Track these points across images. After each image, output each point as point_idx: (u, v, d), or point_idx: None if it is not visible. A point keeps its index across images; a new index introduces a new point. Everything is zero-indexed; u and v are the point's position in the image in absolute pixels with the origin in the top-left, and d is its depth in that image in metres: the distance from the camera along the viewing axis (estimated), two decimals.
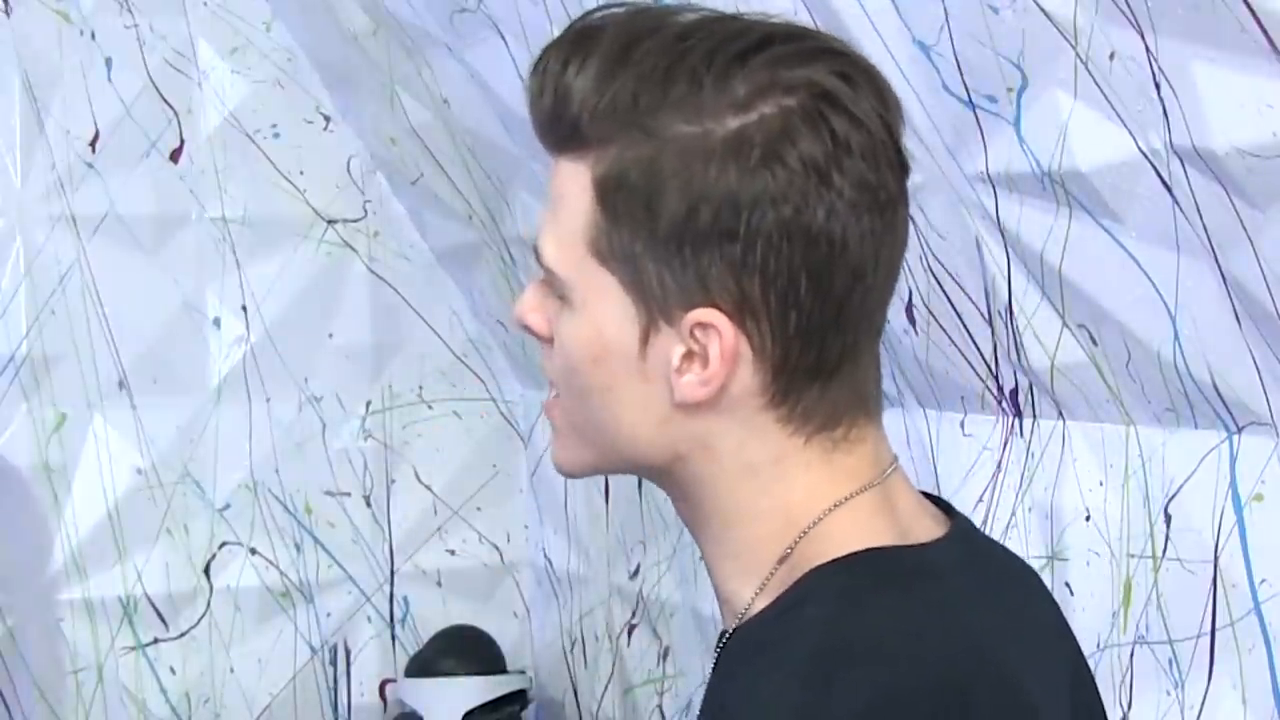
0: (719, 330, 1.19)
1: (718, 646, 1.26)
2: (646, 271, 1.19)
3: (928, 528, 1.26)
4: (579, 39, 1.21)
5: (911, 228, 2.27)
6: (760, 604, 1.22)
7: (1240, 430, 1.94)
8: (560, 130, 1.22)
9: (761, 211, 1.17)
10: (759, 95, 1.18)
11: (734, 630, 1.24)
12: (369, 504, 3.51)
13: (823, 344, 1.20)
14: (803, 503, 1.22)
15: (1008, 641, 1.22)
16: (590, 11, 1.22)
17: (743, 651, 1.22)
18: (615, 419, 1.24)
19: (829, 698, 1.13)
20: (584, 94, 1.20)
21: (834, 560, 1.20)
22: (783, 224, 1.17)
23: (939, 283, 2.22)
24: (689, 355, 1.20)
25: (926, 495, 1.32)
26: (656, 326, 1.20)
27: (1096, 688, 1.35)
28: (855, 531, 1.22)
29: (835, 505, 1.22)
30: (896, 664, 1.15)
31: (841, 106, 1.18)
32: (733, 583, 1.25)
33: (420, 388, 3.54)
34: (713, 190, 1.17)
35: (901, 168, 1.22)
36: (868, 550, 1.21)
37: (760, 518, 1.23)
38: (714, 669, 1.25)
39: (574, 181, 1.21)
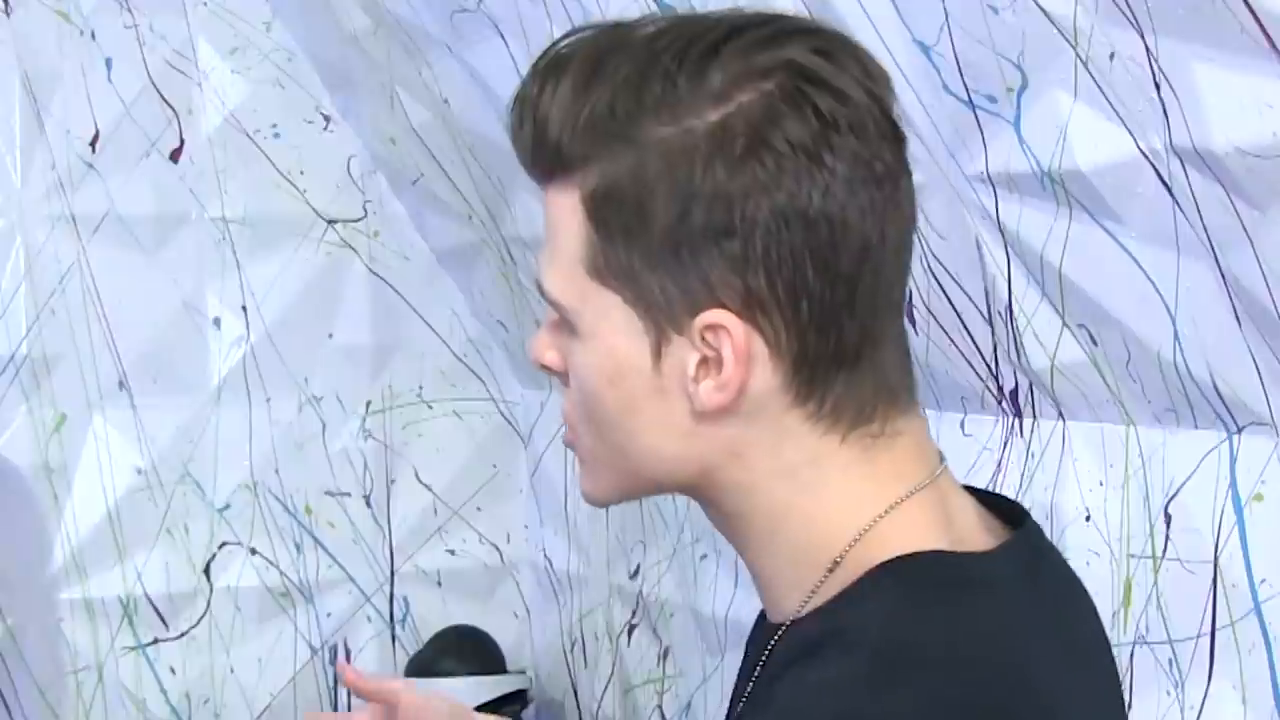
0: (729, 330, 1.16)
1: (766, 647, 1.22)
2: (647, 283, 1.17)
3: (983, 534, 1.23)
4: (550, 66, 1.19)
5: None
6: (812, 605, 1.19)
7: (1240, 430, 1.93)
8: (543, 158, 1.20)
9: (755, 202, 1.14)
10: (735, 84, 1.16)
11: (785, 629, 1.21)
12: (369, 504, 3.51)
13: (839, 329, 1.17)
14: (849, 506, 1.19)
15: (1054, 666, 1.20)
16: (558, 40, 1.21)
17: (794, 650, 1.19)
18: (640, 442, 1.21)
19: (879, 699, 1.11)
20: (561, 115, 1.18)
21: (889, 561, 1.17)
22: (778, 211, 1.15)
23: (939, 283, 2.22)
24: (704, 362, 1.17)
25: (991, 495, 1.28)
26: (667, 338, 1.18)
27: (1124, 703, 1.34)
28: (910, 536, 1.18)
29: (888, 510, 1.19)
30: (948, 675, 1.13)
31: (823, 83, 1.16)
32: (779, 584, 1.22)
33: (420, 388, 3.54)
34: (701, 188, 1.15)
35: (896, 138, 1.19)
36: (924, 554, 1.18)
37: (805, 522, 1.20)
38: (762, 667, 1.22)
39: (564, 206, 1.19)
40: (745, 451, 1.19)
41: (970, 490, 1.28)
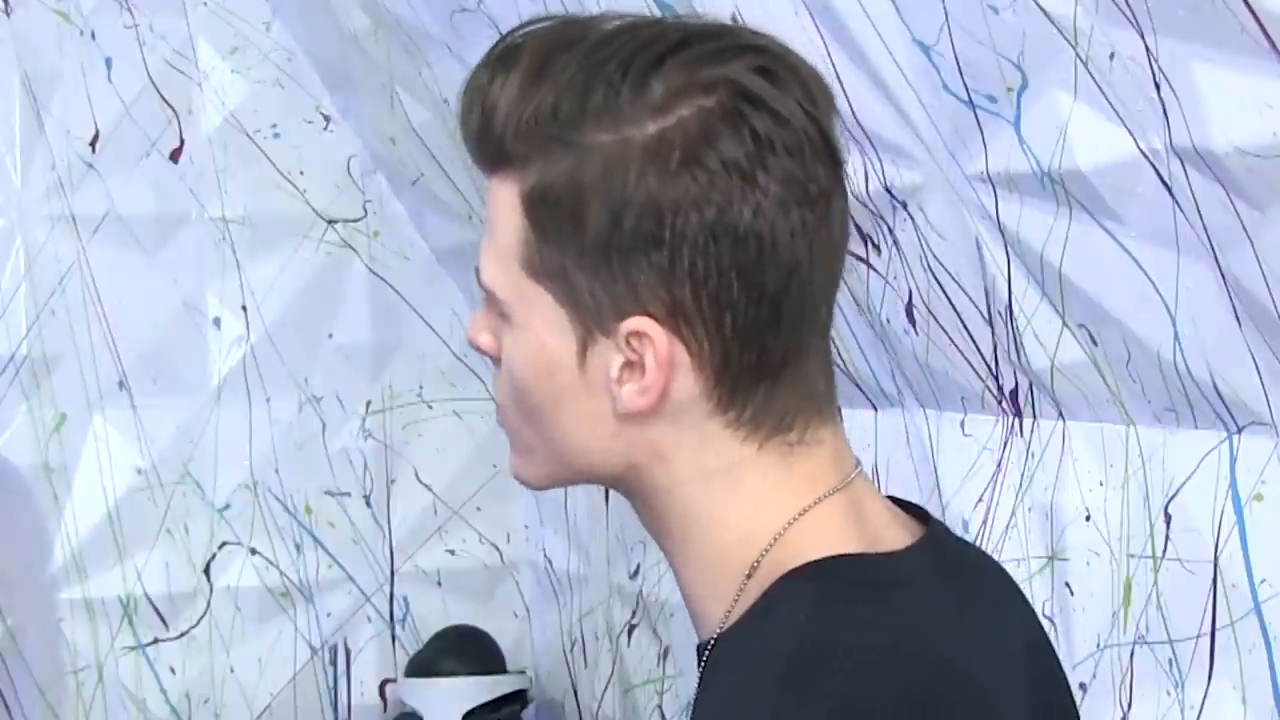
0: (652, 338, 1.18)
1: (700, 659, 1.24)
2: (578, 284, 1.19)
3: (896, 534, 1.25)
4: (503, 56, 1.20)
5: (911, 227, 2.28)
6: (735, 615, 1.20)
7: (1240, 430, 1.93)
8: (488, 149, 1.22)
9: (684, 216, 1.16)
10: (676, 97, 1.17)
11: (714, 641, 1.22)
12: (369, 504, 3.51)
13: (763, 344, 1.18)
14: (764, 512, 1.21)
15: (976, 657, 1.22)
16: (514, 29, 1.22)
17: (719, 661, 1.20)
18: (565, 433, 1.23)
19: (800, 705, 1.12)
20: (507, 110, 1.19)
21: (803, 566, 1.18)
22: (707, 226, 1.16)
23: (939, 283, 2.22)
24: (628, 365, 1.19)
25: (897, 500, 1.30)
26: (593, 338, 1.19)
27: (1068, 690, 1.34)
28: (823, 539, 1.20)
29: (800, 513, 1.21)
30: (868, 674, 1.14)
31: (763, 104, 1.17)
32: (701, 594, 1.23)
33: (420, 388, 3.54)
34: (634, 197, 1.16)
35: (833, 160, 1.20)
36: (836, 557, 1.19)
37: (722, 527, 1.22)
38: (699, 682, 1.23)
39: (504, 200, 1.21)
40: (668, 454, 1.21)
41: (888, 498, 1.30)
